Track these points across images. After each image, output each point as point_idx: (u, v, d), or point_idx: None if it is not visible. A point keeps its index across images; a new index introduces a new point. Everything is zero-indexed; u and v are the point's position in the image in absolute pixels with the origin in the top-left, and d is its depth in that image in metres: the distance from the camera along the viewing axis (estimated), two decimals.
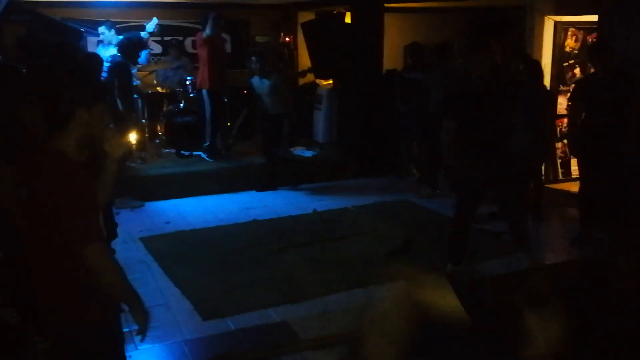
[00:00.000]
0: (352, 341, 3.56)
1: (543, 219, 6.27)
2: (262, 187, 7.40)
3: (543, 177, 6.77)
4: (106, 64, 6.53)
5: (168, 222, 6.24)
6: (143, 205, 6.73)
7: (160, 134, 8.23)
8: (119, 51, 6.80)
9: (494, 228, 5.80)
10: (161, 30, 8.30)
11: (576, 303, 4.25)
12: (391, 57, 9.07)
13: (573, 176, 7.44)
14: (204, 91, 7.63)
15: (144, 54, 7.63)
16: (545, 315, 3.61)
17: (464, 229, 4.84)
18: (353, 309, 4.26)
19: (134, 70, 7.35)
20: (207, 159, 7.75)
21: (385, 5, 8.40)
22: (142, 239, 5.71)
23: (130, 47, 6.69)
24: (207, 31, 7.40)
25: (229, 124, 8.43)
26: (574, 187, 6.45)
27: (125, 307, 2.41)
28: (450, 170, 6.54)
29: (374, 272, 4.92)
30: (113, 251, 4.65)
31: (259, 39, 9.89)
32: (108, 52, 7.31)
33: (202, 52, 7.58)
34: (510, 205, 4.90)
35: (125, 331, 2.66)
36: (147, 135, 8.05)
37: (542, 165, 6.52)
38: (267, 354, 3.72)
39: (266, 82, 7.17)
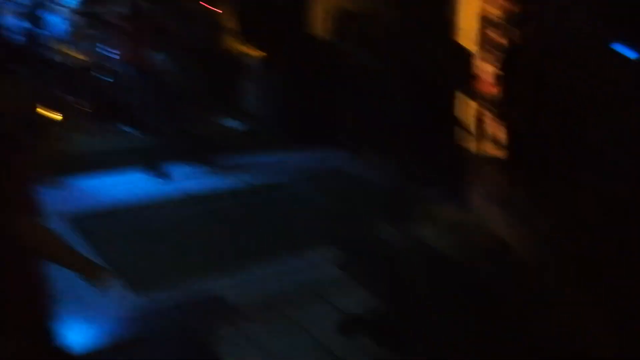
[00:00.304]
0: None
1: None
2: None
3: None
4: None
5: (94, 200, 6.02)
6: (68, 183, 6.46)
7: (84, 108, 7.90)
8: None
9: None
10: None
11: None
12: (321, 24, 8.96)
13: None
14: (131, 65, 7.32)
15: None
16: None
17: None
18: (288, 277, 4.28)
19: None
20: (137, 135, 7.50)
21: None
22: (67, 217, 5.49)
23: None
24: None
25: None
26: None
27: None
28: None
29: (307, 238, 4.95)
30: None
31: None
32: None
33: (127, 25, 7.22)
34: None
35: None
36: (71, 110, 7.71)
37: None
38: (204, 325, 3.68)
39: None
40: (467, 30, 7.04)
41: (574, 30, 2.94)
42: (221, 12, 9.79)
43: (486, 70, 6.40)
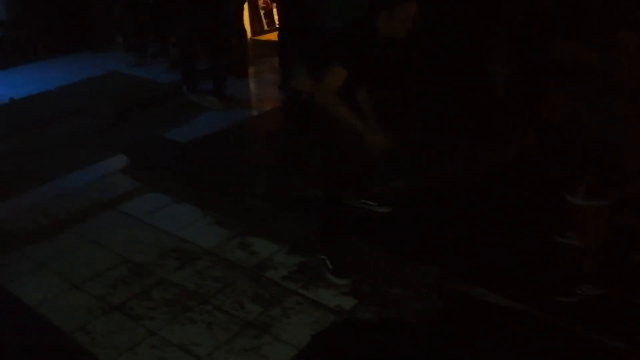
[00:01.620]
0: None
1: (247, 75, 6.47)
2: None
3: (247, 32, 6.93)
4: None
5: None
6: None
7: None
8: None
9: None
10: None
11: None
12: None
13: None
14: None
15: None
16: None
17: None
18: (71, 194, 4.08)
19: None
20: None
21: None
22: None
23: None
24: None
25: None
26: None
27: None
28: None
29: (89, 151, 4.72)
30: None
31: None
32: None
33: None
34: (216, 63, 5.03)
35: None
36: None
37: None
38: None
39: None
40: None
41: None
42: None
43: None
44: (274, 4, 7.09)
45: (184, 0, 5.31)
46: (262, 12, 7.93)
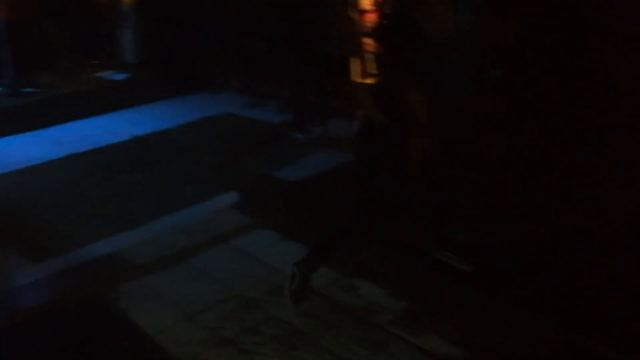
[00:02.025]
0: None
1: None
2: None
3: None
4: None
5: None
6: None
7: None
8: None
9: None
10: None
11: None
12: None
13: None
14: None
15: None
16: None
17: None
18: (186, 227, 4.28)
19: None
20: (8, 96, 7.02)
21: None
22: None
23: None
24: None
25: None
26: None
27: None
28: None
29: (204, 187, 4.94)
30: None
31: None
32: None
33: None
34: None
35: None
36: None
37: None
38: (102, 286, 3.63)
39: None
40: None
41: None
42: None
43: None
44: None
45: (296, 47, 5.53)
46: (369, 56, 8.07)
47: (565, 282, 3.28)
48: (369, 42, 7.64)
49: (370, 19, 7.46)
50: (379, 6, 6.13)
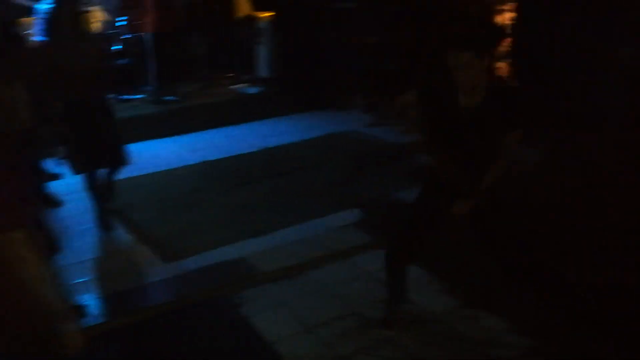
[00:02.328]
0: None
1: None
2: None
3: None
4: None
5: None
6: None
7: None
8: None
9: None
10: None
11: None
12: None
13: None
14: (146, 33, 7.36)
15: None
16: None
17: None
18: (309, 240, 4.37)
19: None
20: (151, 103, 7.55)
21: None
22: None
23: None
24: None
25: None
26: None
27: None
28: None
29: (327, 202, 5.02)
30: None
31: None
32: None
33: None
34: None
35: None
36: None
37: None
38: (227, 290, 3.79)
39: None
40: None
41: None
42: None
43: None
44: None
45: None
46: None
47: None
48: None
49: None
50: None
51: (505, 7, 6.32)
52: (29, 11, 6.11)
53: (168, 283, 3.96)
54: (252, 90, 8.27)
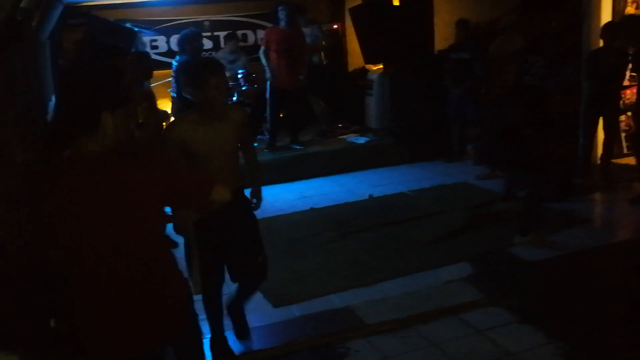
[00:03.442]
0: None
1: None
2: None
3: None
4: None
5: None
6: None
7: None
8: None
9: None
10: (211, 25, 8.39)
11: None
12: (444, 36, 8.93)
13: None
14: (268, 85, 7.77)
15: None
16: None
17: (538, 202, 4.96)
18: (416, 293, 4.27)
19: None
20: (266, 149, 7.85)
21: None
22: None
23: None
24: (282, 24, 7.54)
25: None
26: None
27: None
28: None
29: (436, 254, 4.92)
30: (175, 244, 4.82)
31: None
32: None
33: (269, 45, 7.69)
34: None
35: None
36: None
37: None
38: (332, 339, 3.76)
39: None
40: None
41: None
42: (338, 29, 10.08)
43: None
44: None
45: None
46: (623, 134, 7.45)
47: None
48: None
49: None
50: None
51: None
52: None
53: (275, 328, 4.01)
54: (362, 140, 8.38)
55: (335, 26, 10.08)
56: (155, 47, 9.28)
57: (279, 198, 6.80)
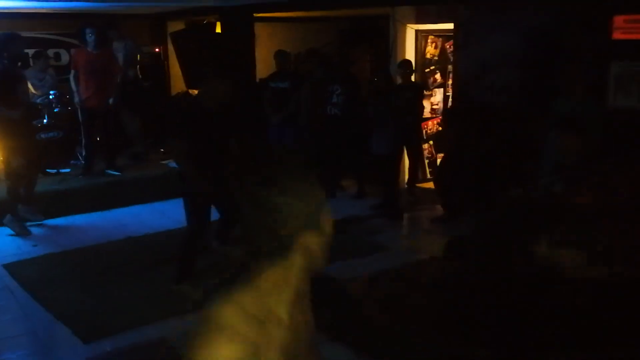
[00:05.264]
0: None
1: (401, 218, 6.75)
2: None
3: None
4: None
5: (35, 245, 5.88)
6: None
7: None
8: None
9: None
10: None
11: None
12: (266, 66, 9.14)
13: None
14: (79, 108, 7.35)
15: None
16: None
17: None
18: None
19: None
20: (80, 176, 7.40)
21: (255, 15, 8.46)
22: (5, 266, 5.34)
23: None
24: (90, 46, 7.18)
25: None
26: None
27: None
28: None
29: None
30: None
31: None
32: None
33: (77, 68, 7.28)
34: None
35: None
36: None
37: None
38: None
39: None
40: None
41: None
42: None
43: None
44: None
45: None
46: (426, 160, 8.17)
47: None
48: None
49: None
50: None
51: None
52: None
53: None
54: None
55: (157, 49, 9.87)
56: None
57: (94, 227, 6.45)
